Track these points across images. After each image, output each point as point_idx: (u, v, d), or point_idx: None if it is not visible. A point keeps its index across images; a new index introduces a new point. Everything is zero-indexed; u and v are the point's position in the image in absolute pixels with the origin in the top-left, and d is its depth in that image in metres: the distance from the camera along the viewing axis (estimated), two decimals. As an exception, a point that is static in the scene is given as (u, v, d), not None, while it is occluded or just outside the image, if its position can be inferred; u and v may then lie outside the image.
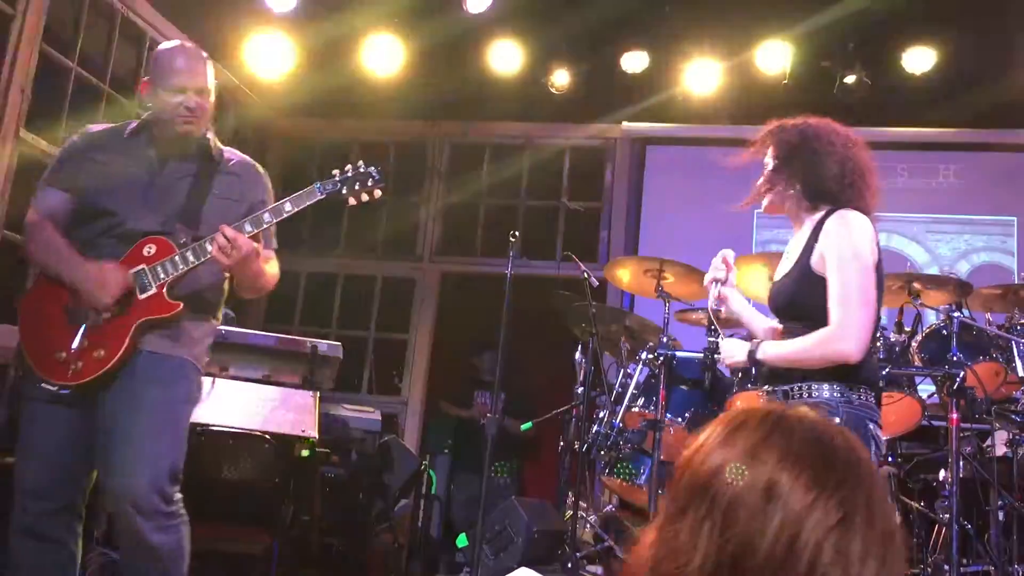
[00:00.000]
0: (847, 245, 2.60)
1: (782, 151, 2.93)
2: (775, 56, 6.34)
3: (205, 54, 2.98)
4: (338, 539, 5.04)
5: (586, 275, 4.95)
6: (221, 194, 2.95)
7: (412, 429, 7.16)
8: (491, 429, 4.01)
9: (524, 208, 7.51)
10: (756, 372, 2.97)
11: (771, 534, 1.00)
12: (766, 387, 2.76)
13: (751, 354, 2.72)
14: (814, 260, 2.66)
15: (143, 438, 2.68)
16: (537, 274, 6.96)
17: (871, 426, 2.58)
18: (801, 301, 2.68)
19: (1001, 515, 4.05)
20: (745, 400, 4.46)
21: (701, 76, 6.57)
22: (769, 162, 2.91)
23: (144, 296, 2.76)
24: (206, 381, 4.23)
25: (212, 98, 2.95)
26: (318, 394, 4.58)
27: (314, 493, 4.80)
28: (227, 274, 2.93)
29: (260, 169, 3.12)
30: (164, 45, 3.04)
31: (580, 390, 4.85)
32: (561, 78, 6.75)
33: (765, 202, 2.92)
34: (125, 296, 2.76)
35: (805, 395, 2.60)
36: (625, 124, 7.25)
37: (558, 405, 5.25)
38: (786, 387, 2.66)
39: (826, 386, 2.57)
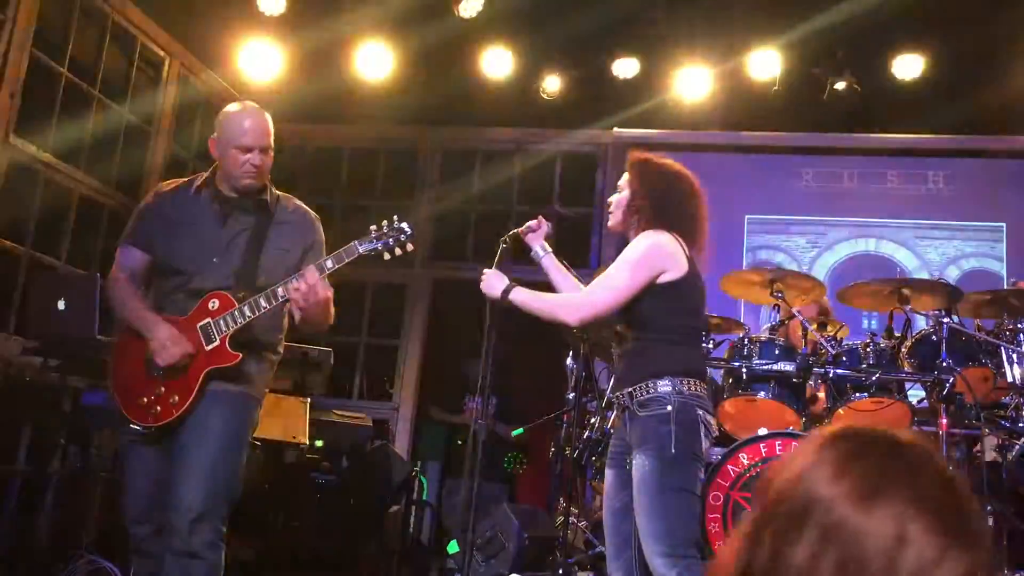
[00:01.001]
0: (629, 249, 3.03)
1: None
2: (765, 63, 6.36)
3: (267, 114, 3.25)
4: (329, 545, 5.02)
5: (577, 280, 4.94)
6: (276, 246, 3.23)
7: (403, 435, 7.15)
8: (481, 434, 4.00)
9: (515, 214, 7.51)
10: (615, 376, 3.18)
11: None
12: (619, 391, 3.02)
13: (505, 291, 3.09)
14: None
15: (206, 465, 3.01)
16: (529, 280, 6.95)
17: (700, 412, 2.90)
18: (628, 307, 3.00)
19: (990, 521, 4.06)
20: (735, 405, 4.47)
21: (692, 82, 6.59)
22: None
23: (210, 347, 3.08)
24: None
25: (272, 153, 3.24)
26: (309, 400, 4.57)
27: (305, 499, 4.80)
28: (285, 312, 3.25)
29: (310, 215, 3.40)
30: (231, 107, 3.29)
31: (571, 396, 4.85)
32: (552, 84, 6.76)
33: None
34: (196, 346, 3.09)
35: (649, 392, 2.89)
36: (616, 130, 7.27)
37: (550, 411, 5.25)
38: (631, 388, 2.95)
39: (661, 381, 2.89)
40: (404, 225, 3.15)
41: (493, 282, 3.17)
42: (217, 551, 3.01)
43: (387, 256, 3.16)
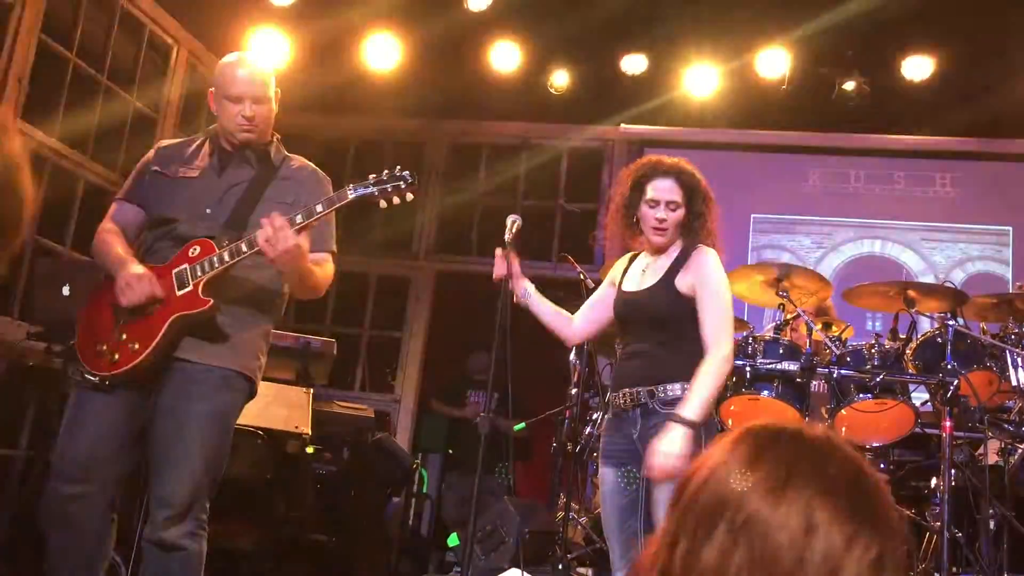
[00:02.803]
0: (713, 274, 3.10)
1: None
2: (774, 61, 6.35)
3: (268, 66, 3.11)
4: (329, 536, 5.03)
5: (582, 276, 4.94)
6: (273, 198, 3.03)
7: (404, 427, 7.15)
8: (484, 427, 4.00)
9: (521, 208, 7.50)
10: (622, 373, 3.16)
11: (812, 569, 0.96)
12: (630, 388, 3.06)
13: (690, 424, 2.87)
14: (679, 281, 3.09)
15: (189, 453, 2.81)
16: (533, 274, 6.93)
17: (716, 417, 3.18)
18: (666, 310, 3.09)
19: (992, 524, 4.05)
20: (738, 404, 4.46)
21: (700, 79, 6.58)
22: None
23: (181, 293, 2.86)
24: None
25: (273, 107, 3.09)
26: (311, 391, 4.57)
27: (306, 489, 4.80)
28: (282, 277, 3.03)
29: (320, 174, 3.22)
30: (227, 57, 3.13)
31: (574, 391, 4.85)
32: (560, 79, 6.75)
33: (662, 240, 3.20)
34: (167, 294, 2.88)
35: (676, 392, 2.97)
36: (623, 126, 7.25)
37: (551, 406, 5.24)
38: (652, 386, 3.02)
39: (676, 385, 2.98)
40: (406, 173, 2.94)
41: (677, 442, 2.84)
42: (198, 540, 2.85)
43: (383, 204, 2.94)
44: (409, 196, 2.97)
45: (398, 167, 2.97)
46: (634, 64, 6.60)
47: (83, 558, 2.85)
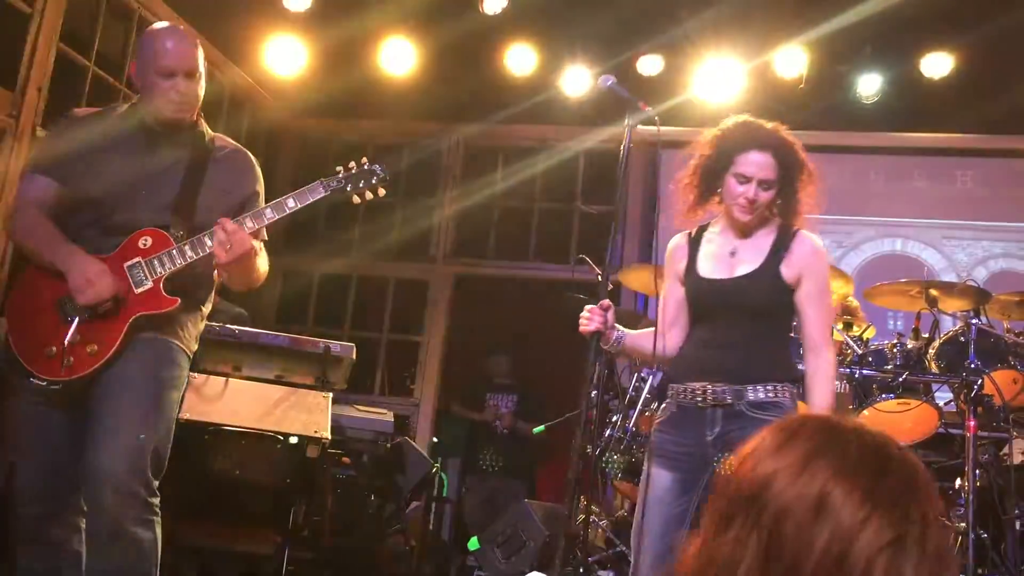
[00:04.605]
0: (821, 266, 2.88)
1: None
2: (791, 60, 6.31)
3: (195, 37, 2.88)
4: (348, 540, 5.03)
5: (600, 278, 4.92)
6: (214, 185, 2.84)
7: (424, 431, 7.14)
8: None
9: (538, 211, 7.49)
10: (700, 363, 2.86)
11: (819, 550, 0.95)
12: (712, 383, 2.77)
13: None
14: (784, 269, 2.82)
15: (127, 422, 2.59)
16: (551, 277, 6.96)
17: None
18: (767, 300, 2.81)
19: (1017, 524, 4.00)
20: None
21: (717, 79, 6.54)
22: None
23: (140, 291, 2.67)
24: (219, 381, 4.27)
25: (203, 82, 2.85)
26: (330, 395, 4.57)
27: (325, 494, 4.80)
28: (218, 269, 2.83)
29: (251, 158, 3.01)
30: (154, 26, 2.91)
31: (593, 394, 4.82)
32: (576, 81, 6.73)
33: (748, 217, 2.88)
34: (120, 289, 2.66)
35: (769, 395, 2.71)
36: (640, 127, 7.20)
37: (571, 409, 5.22)
38: (741, 386, 2.73)
39: (782, 387, 2.74)
40: (376, 167, 2.85)
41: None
42: (148, 527, 2.58)
43: (356, 200, 2.84)
44: (382, 191, 2.87)
45: (364, 160, 2.87)
46: (650, 65, 6.57)
47: (60, 572, 2.70)
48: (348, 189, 2.83)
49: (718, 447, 2.70)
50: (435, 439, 7.03)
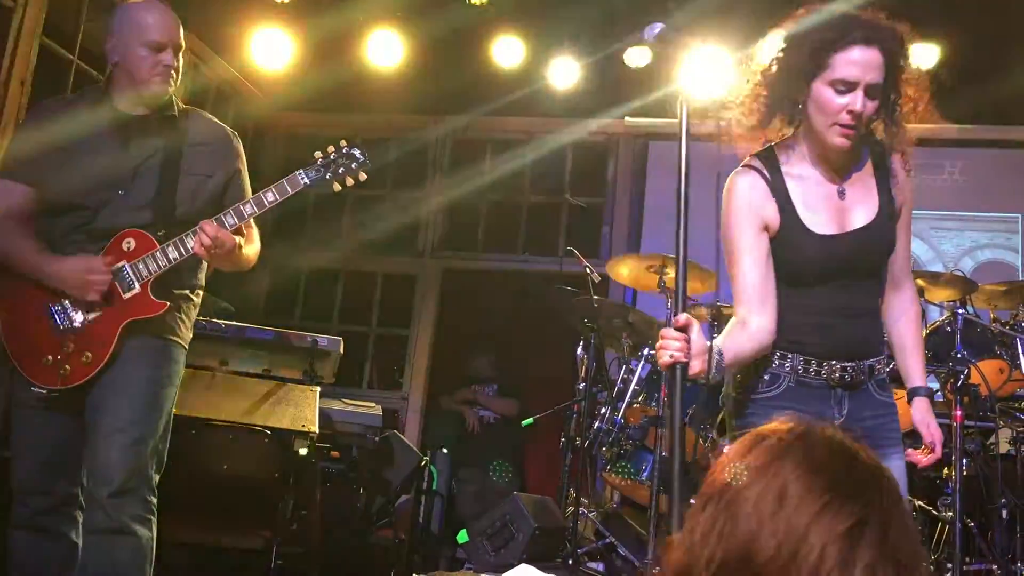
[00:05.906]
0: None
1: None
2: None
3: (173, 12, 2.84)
4: (338, 534, 5.02)
5: (588, 270, 4.93)
6: (192, 171, 2.80)
7: (413, 425, 7.14)
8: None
9: (526, 203, 7.48)
10: (837, 337, 2.31)
11: (776, 537, 0.98)
12: (850, 362, 2.30)
13: (929, 392, 2.48)
14: (896, 205, 2.34)
15: (127, 422, 2.62)
16: (539, 269, 6.95)
17: None
18: (890, 252, 2.31)
19: (1004, 513, 4.03)
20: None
21: (704, 71, 6.53)
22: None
23: (129, 295, 2.66)
24: (206, 376, 4.26)
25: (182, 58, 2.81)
26: (318, 389, 4.56)
27: (314, 488, 4.79)
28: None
29: (228, 133, 2.96)
30: (130, 1, 2.84)
31: (582, 386, 4.83)
32: (564, 73, 6.71)
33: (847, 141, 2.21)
34: (108, 294, 2.66)
35: (884, 371, 2.33)
36: (628, 119, 7.22)
37: (560, 401, 5.23)
38: (873, 360, 2.31)
39: (884, 358, 2.39)
40: (355, 151, 2.80)
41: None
42: (147, 525, 2.63)
43: (337, 186, 2.79)
44: (362, 176, 2.82)
45: (344, 142, 2.81)
46: (638, 56, 6.56)
47: (57, 562, 2.74)
48: (328, 176, 2.79)
49: (876, 437, 2.29)
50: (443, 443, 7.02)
